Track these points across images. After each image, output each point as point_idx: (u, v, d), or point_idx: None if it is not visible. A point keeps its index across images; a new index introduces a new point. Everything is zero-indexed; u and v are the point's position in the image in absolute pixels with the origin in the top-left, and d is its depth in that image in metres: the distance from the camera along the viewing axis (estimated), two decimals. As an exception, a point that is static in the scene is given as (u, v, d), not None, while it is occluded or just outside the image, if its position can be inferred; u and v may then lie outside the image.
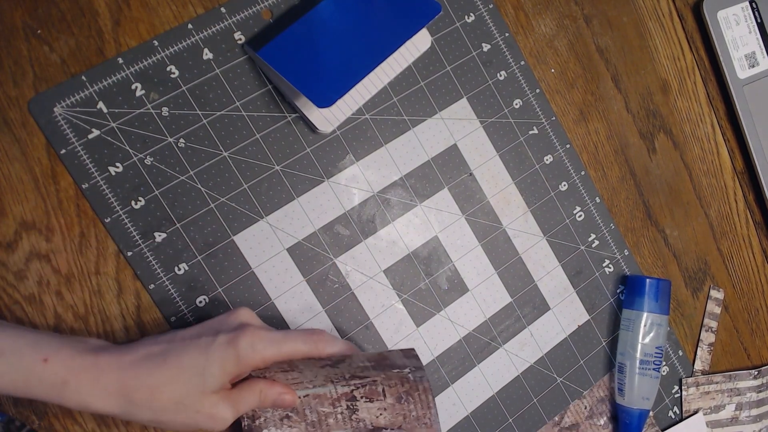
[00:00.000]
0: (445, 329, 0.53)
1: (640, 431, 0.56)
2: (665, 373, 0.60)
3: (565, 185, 0.58)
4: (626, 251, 0.60)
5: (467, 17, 0.55)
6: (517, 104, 0.56)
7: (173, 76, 0.47)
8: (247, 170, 0.49)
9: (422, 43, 0.53)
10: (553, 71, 0.58)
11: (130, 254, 0.46)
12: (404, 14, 0.49)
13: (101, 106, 0.45)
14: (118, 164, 0.46)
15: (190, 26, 0.47)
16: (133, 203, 0.46)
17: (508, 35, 0.56)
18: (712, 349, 0.63)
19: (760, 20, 0.64)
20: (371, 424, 0.44)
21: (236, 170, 0.48)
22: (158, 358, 0.39)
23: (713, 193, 0.64)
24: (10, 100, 0.44)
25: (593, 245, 0.59)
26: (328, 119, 0.49)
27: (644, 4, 0.62)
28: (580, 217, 0.58)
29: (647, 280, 0.57)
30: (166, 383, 0.38)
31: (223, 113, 0.48)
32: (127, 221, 0.46)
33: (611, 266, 0.59)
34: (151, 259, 0.46)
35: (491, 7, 0.56)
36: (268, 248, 0.49)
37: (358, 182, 0.52)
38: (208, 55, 0.48)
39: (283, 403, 0.43)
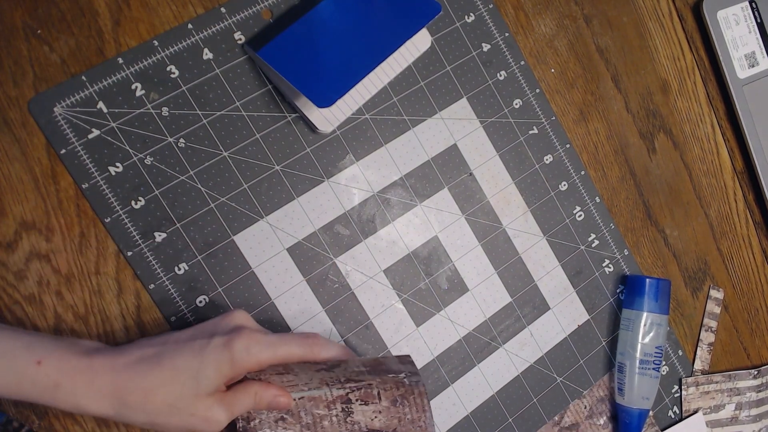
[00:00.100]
0: (445, 329, 0.53)
1: (640, 431, 0.56)
2: (665, 372, 0.61)
3: (565, 185, 0.58)
4: (626, 251, 0.60)
5: (467, 17, 0.55)
6: (517, 104, 0.56)
7: (173, 76, 0.47)
8: (247, 170, 0.49)
9: (422, 43, 0.53)
10: (553, 71, 0.58)
11: (130, 254, 0.46)
12: (404, 14, 0.49)
13: (101, 106, 0.45)
14: (118, 164, 0.46)
15: (190, 26, 0.47)
16: (133, 203, 0.46)
17: (508, 35, 0.56)
18: (711, 348, 0.63)
19: (760, 20, 0.64)
20: (366, 426, 0.44)
21: (236, 170, 0.48)
22: (152, 360, 0.39)
23: (713, 193, 0.64)
24: (10, 100, 0.44)
25: (593, 245, 0.59)
26: (328, 119, 0.49)
27: (644, 4, 0.62)
28: (580, 216, 0.58)
29: (647, 279, 0.57)
30: (160, 386, 0.38)
31: (223, 113, 0.48)
32: (127, 221, 0.46)
33: (611, 266, 0.59)
34: (151, 259, 0.46)
35: (491, 7, 0.56)
36: (268, 248, 0.49)
37: (358, 182, 0.52)
38: (208, 55, 0.48)
39: (278, 405, 0.42)
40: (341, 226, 0.51)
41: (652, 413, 0.60)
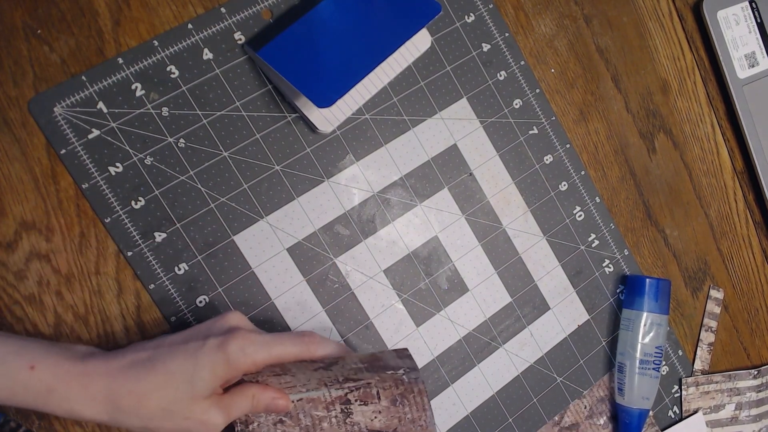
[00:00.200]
0: (445, 329, 0.53)
1: (640, 431, 0.56)
2: (665, 372, 0.61)
3: (565, 185, 0.58)
4: (626, 251, 0.60)
5: (467, 17, 0.55)
6: (517, 104, 0.56)
7: (173, 76, 0.47)
8: (247, 170, 0.49)
9: (422, 43, 0.53)
10: (553, 71, 0.58)
11: (130, 254, 0.46)
12: (404, 14, 0.49)
13: (101, 106, 0.45)
14: (118, 164, 0.46)
15: (190, 26, 0.47)
16: (133, 203, 0.46)
17: (508, 35, 0.56)
18: (711, 348, 0.63)
19: (760, 20, 0.64)
20: (366, 427, 0.43)
21: (236, 170, 0.48)
22: (146, 364, 0.38)
23: (713, 193, 0.64)
24: (10, 100, 0.44)
25: (593, 245, 0.59)
26: (328, 119, 0.49)
27: (644, 4, 0.62)
28: (580, 217, 0.58)
29: (647, 279, 0.57)
30: (154, 389, 0.38)
31: (223, 113, 0.48)
32: (127, 221, 0.46)
33: (611, 266, 0.59)
34: (151, 259, 0.46)
35: (491, 7, 0.56)
36: (268, 248, 0.49)
37: (358, 182, 0.52)
38: (208, 55, 0.48)
39: (276, 407, 0.42)
40: (341, 226, 0.51)
41: (652, 413, 0.60)
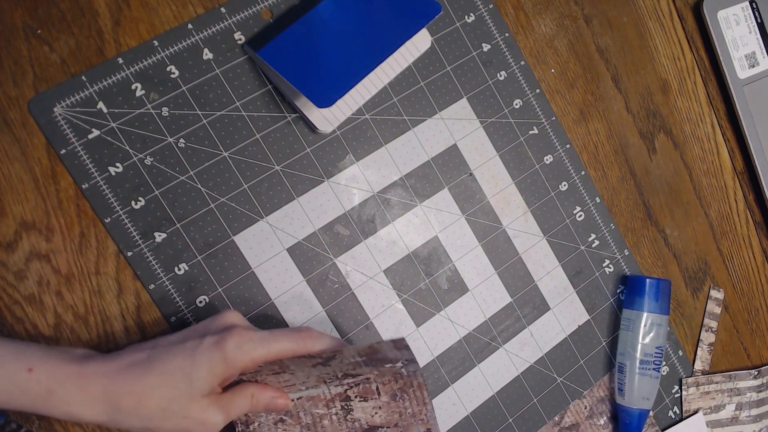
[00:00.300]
0: (445, 329, 0.53)
1: (640, 431, 0.56)
2: (665, 373, 0.60)
3: (565, 185, 0.58)
4: (626, 251, 0.60)
5: (467, 17, 0.55)
6: (517, 104, 0.56)
7: (173, 76, 0.47)
8: (247, 170, 0.49)
9: (422, 43, 0.53)
10: (553, 71, 0.58)
11: (130, 254, 0.46)
12: (404, 14, 0.49)
13: (101, 106, 0.45)
14: (118, 164, 0.46)
15: (190, 26, 0.47)
16: (133, 203, 0.46)
17: (508, 35, 0.56)
18: (712, 349, 0.63)
19: (760, 20, 0.64)
20: (367, 423, 0.43)
21: (236, 170, 0.48)
22: (144, 364, 0.38)
23: (713, 193, 0.64)
24: (10, 100, 0.44)
25: (593, 245, 0.59)
26: (328, 119, 0.49)
27: (644, 4, 0.62)
28: (580, 217, 0.58)
29: (647, 280, 0.57)
30: (152, 389, 0.38)
31: (223, 113, 0.48)
32: (127, 221, 0.46)
33: (611, 266, 0.59)
34: (151, 259, 0.46)
35: (491, 7, 0.56)
36: (268, 248, 0.49)
37: (358, 182, 0.52)
38: (208, 55, 0.48)
39: (276, 407, 0.42)
40: (341, 226, 0.51)
41: (652, 413, 0.60)
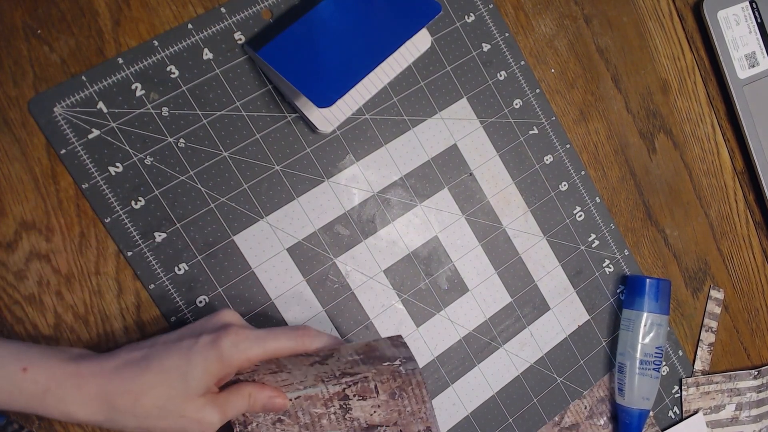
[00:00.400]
0: (445, 329, 0.53)
1: (640, 431, 0.56)
2: (665, 373, 0.60)
3: (565, 185, 0.58)
4: (626, 251, 0.60)
5: (467, 17, 0.55)
6: (517, 104, 0.56)
7: (173, 76, 0.47)
8: (247, 170, 0.49)
9: (422, 43, 0.53)
10: (553, 71, 0.58)
11: (130, 254, 0.46)
12: (404, 14, 0.49)
13: (101, 106, 0.45)
14: (118, 164, 0.46)
15: (190, 26, 0.47)
16: (133, 203, 0.46)
17: (508, 35, 0.56)
18: (712, 349, 0.63)
19: (760, 20, 0.64)
20: (365, 422, 0.43)
21: (236, 170, 0.48)
22: (140, 363, 0.38)
23: (713, 193, 0.64)
24: (10, 100, 0.44)
25: (593, 245, 0.59)
26: (328, 119, 0.49)
27: (644, 4, 0.62)
28: (580, 217, 0.58)
29: (647, 280, 0.57)
30: (148, 388, 0.38)
31: (223, 113, 0.48)
32: (127, 221, 0.46)
33: (611, 266, 0.59)
34: (151, 259, 0.46)
35: (491, 7, 0.56)
36: (268, 248, 0.49)
37: (358, 182, 0.52)
38: (208, 55, 0.48)
39: (273, 406, 0.42)
40: (341, 226, 0.51)
41: (652, 413, 0.60)
